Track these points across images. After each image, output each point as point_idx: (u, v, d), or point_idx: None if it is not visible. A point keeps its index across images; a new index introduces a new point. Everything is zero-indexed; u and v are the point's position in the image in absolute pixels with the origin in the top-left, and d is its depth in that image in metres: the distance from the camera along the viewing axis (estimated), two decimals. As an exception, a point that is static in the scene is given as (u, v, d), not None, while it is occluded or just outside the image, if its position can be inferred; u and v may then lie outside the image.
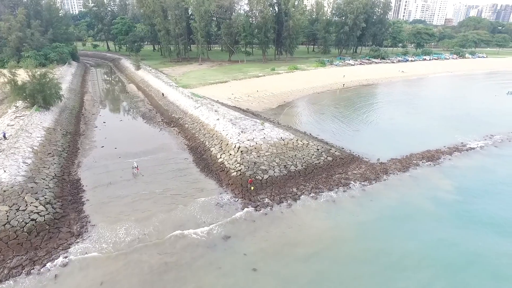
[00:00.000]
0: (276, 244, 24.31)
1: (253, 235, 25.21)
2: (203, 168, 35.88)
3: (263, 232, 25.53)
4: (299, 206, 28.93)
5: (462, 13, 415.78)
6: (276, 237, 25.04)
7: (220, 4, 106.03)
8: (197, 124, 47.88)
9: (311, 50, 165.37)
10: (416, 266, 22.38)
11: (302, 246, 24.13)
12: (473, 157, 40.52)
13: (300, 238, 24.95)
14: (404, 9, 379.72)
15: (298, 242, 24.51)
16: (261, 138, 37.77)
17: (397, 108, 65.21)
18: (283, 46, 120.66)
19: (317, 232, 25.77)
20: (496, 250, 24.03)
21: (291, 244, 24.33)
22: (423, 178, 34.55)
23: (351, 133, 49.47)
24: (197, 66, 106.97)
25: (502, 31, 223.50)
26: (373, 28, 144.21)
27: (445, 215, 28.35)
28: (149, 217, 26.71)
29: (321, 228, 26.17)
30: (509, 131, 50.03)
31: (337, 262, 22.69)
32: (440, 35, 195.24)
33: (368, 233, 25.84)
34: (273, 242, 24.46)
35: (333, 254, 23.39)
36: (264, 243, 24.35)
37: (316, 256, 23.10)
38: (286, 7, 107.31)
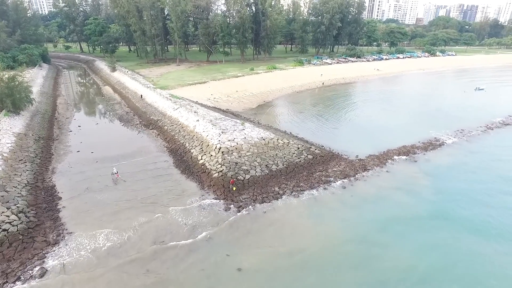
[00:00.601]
0: (260, 243, 24.40)
1: (237, 235, 25.18)
2: (184, 170, 35.45)
3: (246, 232, 25.55)
4: (281, 204, 29.15)
5: (432, 12, 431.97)
6: (259, 236, 25.13)
7: (197, 4, 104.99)
8: (176, 125, 47.23)
9: (289, 50, 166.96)
10: (396, 257, 23.06)
11: (286, 244, 24.34)
12: (446, 152, 42.20)
13: (283, 237, 25.16)
14: (378, 8, 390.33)
15: (281, 241, 24.71)
16: (242, 138, 37.76)
17: (374, 106, 66.92)
18: (261, 46, 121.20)
19: (299, 230, 26.07)
20: (469, 238, 25.16)
21: (275, 242, 24.50)
22: (399, 173, 35.65)
23: (330, 131, 50.33)
24: (175, 67, 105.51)
25: (469, 30, 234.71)
26: (349, 27, 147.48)
27: (421, 208, 29.37)
28: (129, 222, 26.11)
29: (304, 226, 26.49)
30: (478, 126, 52.48)
31: (321, 259, 23.02)
32: (412, 34, 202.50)
33: (349, 229, 26.38)
34: (257, 242, 24.53)
35: (316, 251, 23.71)
36: (248, 243, 24.38)
37: (300, 254, 23.35)
38: (263, 7, 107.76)
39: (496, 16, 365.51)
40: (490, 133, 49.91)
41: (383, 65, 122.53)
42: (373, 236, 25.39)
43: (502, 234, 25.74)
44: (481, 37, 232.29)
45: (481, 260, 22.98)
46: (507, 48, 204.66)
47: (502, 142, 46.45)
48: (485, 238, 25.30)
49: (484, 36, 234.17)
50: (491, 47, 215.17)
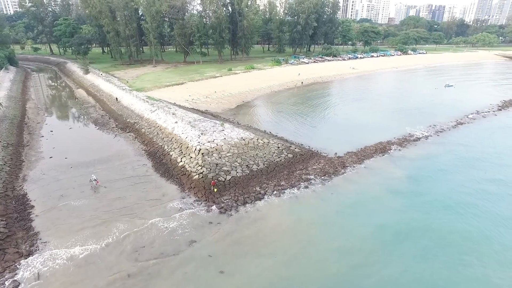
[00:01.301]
0: (243, 244, 24.37)
1: (219, 237, 25.02)
2: (164, 173, 34.85)
3: (229, 233, 25.44)
4: (263, 204, 29.24)
5: (403, 12, 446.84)
6: (242, 237, 25.09)
7: (172, 4, 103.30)
8: (154, 128, 46.33)
9: (266, 50, 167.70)
10: (376, 251, 23.68)
11: (268, 244, 24.43)
12: (419, 146, 43.77)
13: (266, 236, 25.24)
14: (352, 8, 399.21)
15: (264, 240, 24.78)
16: (222, 139, 37.56)
17: (351, 104, 68.38)
18: (239, 46, 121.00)
19: (282, 229, 26.25)
20: (447, 228, 26.22)
21: (257, 242, 24.54)
22: (377, 169, 36.63)
23: (309, 129, 50.97)
24: (151, 68, 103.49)
25: (438, 29, 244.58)
26: (324, 27, 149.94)
27: (398, 201, 30.32)
28: (108, 230, 25.37)
29: (286, 225, 26.69)
30: (449, 121, 54.83)
31: (303, 258, 23.23)
32: (385, 33, 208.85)
33: (330, 226, 26.85)
34: (239, 242, 24.48)
35: (298, 250, 23.92)
36: (230, 244, 24.28)
37: (282, 254, 23.49)
38: (240, 7, 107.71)
39: (462, 16, 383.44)
40: (460, 127, 52.23)
41: (358, 64, 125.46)
42: (354, 232, 25.91)
43: (477, 222, 26.99)
44: (449, 36, 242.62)
45: (458, 250, 24.00)
46: (472, 47, 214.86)
47: (471, 136, 48.67)
48: (461, 227, 26.46)
49: (451, 35, 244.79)
50: (458, 45, 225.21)
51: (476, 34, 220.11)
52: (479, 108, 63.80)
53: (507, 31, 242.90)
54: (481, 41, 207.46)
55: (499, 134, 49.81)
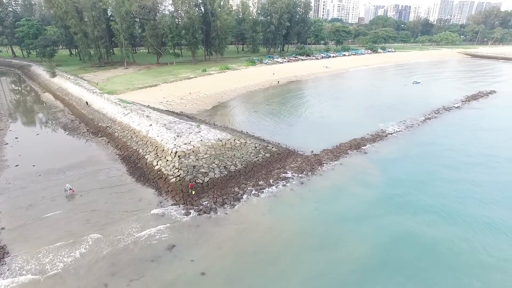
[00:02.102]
0: (223, 245, 24.24)
1: (199, 240, 24.75)
2: (139, 178, 33.99)
3: (209, 235, 25.23)
4: (242, 205, 29.23)
5: (372, 12, 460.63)
6: (222, 238, 24.95)
7: (142, 4, 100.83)
8: (128, 131, 45.09)
9: (240, 50, 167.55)
10: (356, 247, 24.32)
11: (249, 244, 24.46)
12: (391, 142, 45.37)
13: (246, 237, 25.25)
14: (323, 8, 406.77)
15: (245, 241, 24.78)
16: (198, 141, 37.17)
17: (325, 102, 69.73)
18: (213, 47, 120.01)
19: (262, 228, 26.34)
20: (417, 220, 27.36)
21: (238, 243, 24.50)
22: (352, 165, 37.60)
23: (285, 128, 51.47)
24: (123, 70, 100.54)
25: (405, 28, 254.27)
26: (297, 27, 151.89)
27: (373, 195, 31.30)
28: (81, 238, 24.43)
29: (265, 225, 26.80)
30: (418, 116, 57.26)
31: (284, 256, 23.46)
32: (355, 33, 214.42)
33: (309, 223, 27.24)
34: (220, 244, 24.33)
35: (279, 249, 24.14)
36: (211, 246, 24.09)
37: (263, 253, 23.61)
38: (212, 7, 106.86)
39: (427, 15, 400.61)
40: (428, 122, 54.64)
41: (331, 63, 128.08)
42: (332, 228, 26.50)
43: (445, 212, 28.35)
44: (415, 34, 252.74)
45: (428, 241, 25.11)
46: (437, 45, 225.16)
47: (438, 130, 51.07)
48: (431, 217, 27.71)
49: (417, 34, 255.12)
50: (424, 44, 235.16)
51: (440, 33, 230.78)
52: (445, 103, 67.07)
53: (467, 30, 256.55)
54: (445, 40, 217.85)
55: (463, 127, 52.58)
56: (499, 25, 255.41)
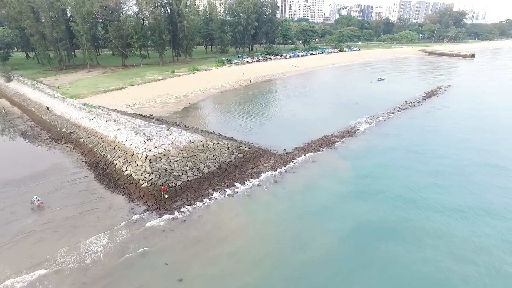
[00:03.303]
0: (199, 248, 23.92)
1: (174, 244, 24.27)
2: (108, 184, 32.73)
3: (184, 238, 24.81)
4: (217, 206, 29.02)
5: (336, 12, 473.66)
6: (197, 241, 24.63)
7: (105, 4, 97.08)
8: (94, 137, 43.28)
9: (209, 50, 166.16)
10: (328, 241, 24.93)
11: (226, 245, 24.31)
12: (360, 137, 46.96)
13: (222, 238, 25.07)
14: (289, 8, 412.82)
15: (221, 242, 24.60)
16: (170, 144, 36.44)
17: (295, 100, 70.82)
18: (181, 47, 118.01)
19: (237, 229, 26.30)
20: (386, 211, 28.53)
21: (215, 245, 24.27)
22: (323, 162, 38.50)
23: (257, 128, 51.70)
24: (86, 73, 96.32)
25: (368, 27, 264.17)
26: (265, 26, 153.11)
27: (344, 190, 32.23)
28: (48, 251, 23.12)
29: (241, 225, 26.79)
30: (383, 112, 59.73)
31: (260, 255, 23.56)
32: (321, 32, 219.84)
33: (284, 221, 27.53)
34: (196, 247, 24.00)
35: (256, 248, 24.21)
36: (186, 250, 23.71)
37: (241, 253, 23.59)
38: (178, 8, 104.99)
39: (387, 15, 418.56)
40: (393, 117, 57.13)
41: (299, 62, 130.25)
42: (306, 224, 26.96)
43: (413, 203, 29.80)
44: (378, 33, 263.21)
45: (400, 234, 26.28)
46: (398, 43, 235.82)
47: (403, 124, 53.55)
48: (400, 209, 29.00)
49: (380, 33, 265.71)
50: (386, 42, 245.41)
51: (400, 32, 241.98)
52: (408, 99, 70.45)
53: (425, 29, 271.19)
54: (405, 38, 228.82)
55: (425, 121, 55.51)
56: (452, 24, 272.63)
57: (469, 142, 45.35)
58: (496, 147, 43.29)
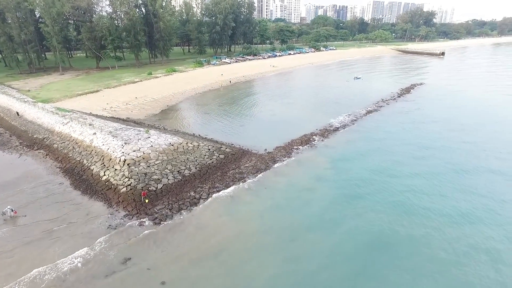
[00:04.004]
0: (182, 251, 23.62)
1: (156, 249, 23.83)
2: (85, 191, 31.70)
3: (166, 243, 24.42)
4: (199, 209, 28.76)
5: (312, 12, 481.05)
6: (180, 244, 24.30)
7: (76, 5, 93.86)
8: (69, 142, 41.80)
9: (187, 51, 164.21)
10: (310, 239, 25.27)
11: (209, 248, 24.11)
12: (339, 135, 47.88)
13: (205, 241, 24.86)
14: (266, 9, 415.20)
15: (204, 245, 24.39)
16: (149, 147, 35.75)
17: (275, 100, 71.22)
18: (157, 49, 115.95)
19: (220, 230, 26.15)
20: (368, 206, 29.23)
21: (198, 248, 24.04)
22: (304, 160, 38.97)
23: (238, 128, 51.63)
24: (58, 76, 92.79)
25: (343, 27, 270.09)
26: (242, 27, 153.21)
27: (325, 187, 32.83)
28: (21, 264, 22.11)
29: (224, 227, 26.64)
30: (360, 109, 61.22)
31: (245, 256, 23.55)
32: (298, 32, 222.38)
33: (267, 221, 27.65)
34: (178, 250, 23.68)
35: (238, 248, 24.19)
36: (169, 253, 23.33)
37: (224, 255, 23.45)
38: (154, 8, 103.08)
39: (362, 15, 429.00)
40: (370, 115, 58.62)
41: (277, 62, 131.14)
42: (289, 223, 27.19)
43: (390, 197, 30.70)
44: (353, 33, 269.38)
45: (378, 228, 27.00)
46: (373, 42, 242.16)
47: (379, 121, 55.09)
48: (378, 204, 29.80)
49: (355, 32, 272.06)
50: (361, 41, 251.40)
51: (375, 31, 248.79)
52: (383, 96, 72.55)
53: (397, 29, 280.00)
54: (379, 37, 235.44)
55: (400, 118, 57.34)
56: (423, 24, 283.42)
57: (442, 137, 47.28)
58: (469, 142, 45.48)
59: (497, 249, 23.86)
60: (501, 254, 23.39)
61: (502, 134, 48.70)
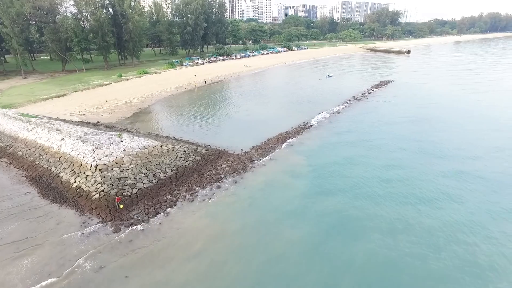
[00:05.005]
0: (161, 256, 23.08)
1: (134, 255, 23.14)
2: (55, 199, 30.23)
3: (144, 248, 23.77)
4: (177, 212, 28.25)
5: (283, 12, 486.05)
6: (159, 249, 23.75)
7: (37, 5, 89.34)
8: (35, 149, 39.71)
9: (158, 53, 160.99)
10: (289, 237, 25.53)
11: (188, 251, 23.71)
12: (313, 133, 48.72)
13: (184, 244, 24.45)
14: (238, 9, 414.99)
15: (183, 248, 23.97)
16: (121, 151, 34.67)
17: (250, 100, 71.36)
18: (127, 50, 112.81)
19: (199, 233, 25.80)
20: (345, 203, 29.96)
21: (176, 251, 23.59)
22: (280, 158, 39.30)
23: (213, 129, 51.24)
24: (20, 80, 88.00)
25: (314, 27, 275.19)
26: (214, 27, 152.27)
27: (302, 184, 33.25)
28: (-13, 279, 20.78)
29: (203, 229, 26.29)
30: (333, 107, 62.66)
31: (224, 256, 23.40)
32: (270, 32, 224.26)
33: (246, 220, 27.61)
34: (157, 255, 23.12)
35: (219, 250, 23.95)
36: (148, 259, 22.73)
37: (204, 258, 23.13)
38: (122, 9, 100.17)
39: (331, 15, 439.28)
40: (342, 112, 60.13)
41: (251, 62, 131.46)
42: (268, 222, 27.28)
43: (366, 191, 31.64)
44: (324, 32, 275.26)
45: (357, 223, 27.75)
46: (343, 41, 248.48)
47: (351, 117, 56.60)
48: (356, 198, 30.64)
49: (325, 32, 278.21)
50: (332, 40, 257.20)
51: (344, 31, 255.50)
52: (355, 94, 74.64)
53: (365, 28, 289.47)
54: (349, 36, 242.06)
55: (372, 114, 59.23)
56: (389, 23, 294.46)
57: (410, 130, 49.35)
58: (438, 134, 47.76)
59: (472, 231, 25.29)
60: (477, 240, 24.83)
61: (464, 125, 51.56)
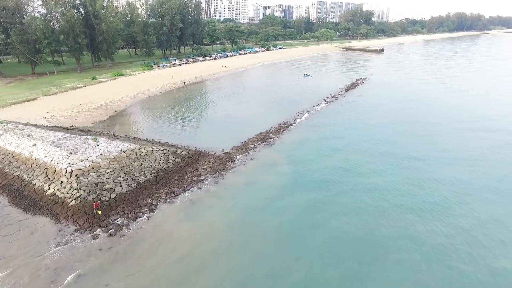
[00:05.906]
0: (143, 261, 22.61)
1: (114, 261, 22.54)
2: (28, 208, 28.94)
3: (124, 254, 23.20)
4: (158, 215, 27.76)
5: (260, 12, 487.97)
6: (140, 254, 23.25)
7: (2, 5, 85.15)
8: (4, 156, 37.87)
9: (133, 54, 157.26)
10: (272, 236, 25.70)
11: (171, 254, 23.38)
12: (293, 131, 49.22)
13: (166, 247, 24.06)
14: (214, 9, 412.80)
15: (166, 251, 23.60)
16: (98, 155, 33.67)
17: (229, 100, 71.12)
18: (101, 52, 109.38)
19: (182, 236, 25.49)
20: (324, 200, 30.47)
21: (159, 255, 23.19)
22: (261, 158, 39.44)
23: (193, 130, 50.72)
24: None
25: (291, 26, 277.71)
26: (191, 27, 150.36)
27: (284, 182, 33.53)
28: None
29: (185, 231, 26.02)
30: (312, 106, 63.57)
31: (208, 257, 23.21)
32: (248, 32, 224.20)
33: (228, 220, 27.49)
34: (139, 260, 22.63)
35: (202, 251, 23.73)
36: (129, 265, 22.21)
37: (187, 259, 22.89)
38: (94, 9, 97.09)
39: (307, 14, 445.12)
40: (321, 110, 61.13)
41: (229, 62, 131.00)
42: (251, 221, 27.35)
43: (347, 186, 32.32)
44: (300, 32, 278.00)
45: (339, 218, 28.27)
46: (319, 41, 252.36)
47: (330, 115, 57.71)
48: (340, 195, 31.22)
49: (302, 31, 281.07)
50: (308, 40, 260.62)
51: (320, 30, 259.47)
52: (332, 92, 76.05)
53: (340, 27, 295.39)
54: (325, 36, 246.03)
55: (349, 111, 60.56)
56: (363, 23, 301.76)
57: (386, 125, 50.87)
58: (410, 129, 49.49)
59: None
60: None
61: (439, 119, 53.72)
